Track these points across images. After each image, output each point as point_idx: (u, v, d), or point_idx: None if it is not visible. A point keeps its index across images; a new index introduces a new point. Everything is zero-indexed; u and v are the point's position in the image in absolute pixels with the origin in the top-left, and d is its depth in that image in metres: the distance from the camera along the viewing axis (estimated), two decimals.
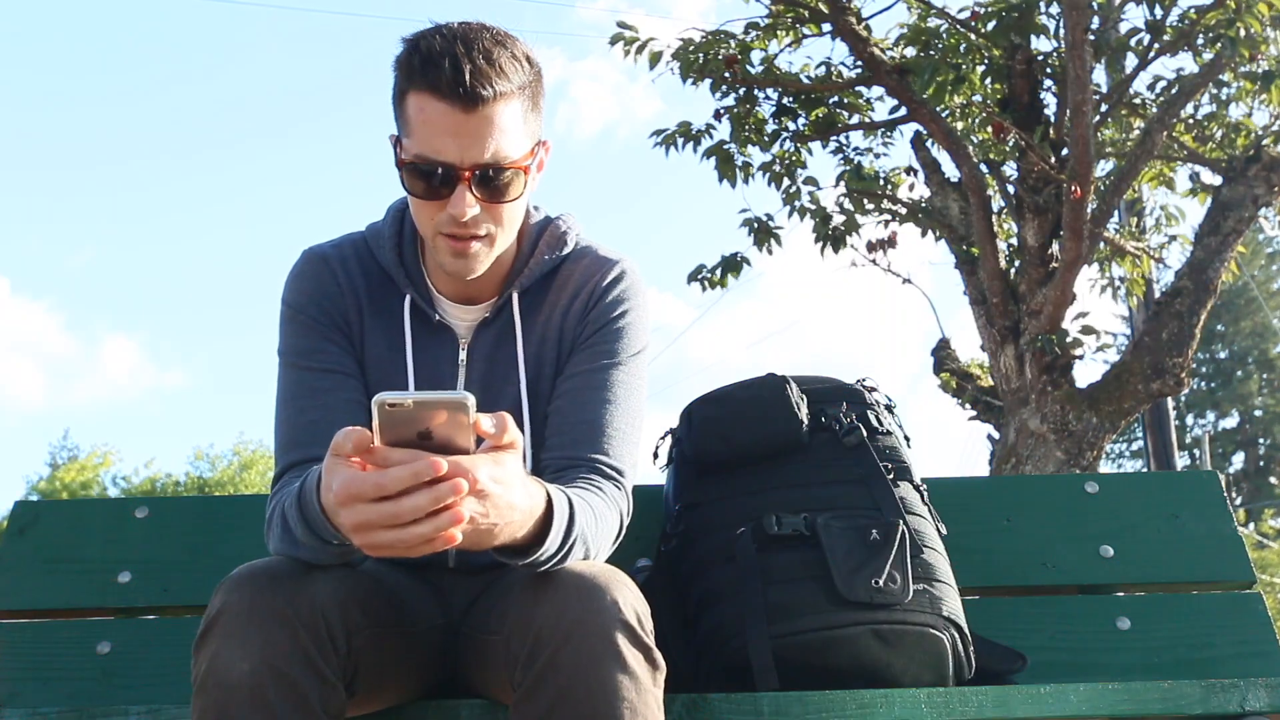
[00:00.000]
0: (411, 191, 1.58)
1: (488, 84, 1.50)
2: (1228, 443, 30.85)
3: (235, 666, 1.35)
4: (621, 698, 1.35)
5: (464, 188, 1.54)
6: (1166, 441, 11.02)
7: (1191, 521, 2.24)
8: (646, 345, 1.76)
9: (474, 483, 1.24)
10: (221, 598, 1.40)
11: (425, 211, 1.59)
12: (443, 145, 1.53)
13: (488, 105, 1.51)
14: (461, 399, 1.25)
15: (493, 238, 1.61)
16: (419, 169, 1.55)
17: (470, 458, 1.25)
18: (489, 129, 1.52)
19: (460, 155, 1.53)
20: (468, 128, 1.52)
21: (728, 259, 7.18)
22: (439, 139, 1.52)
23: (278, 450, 1.68)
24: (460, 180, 1.54)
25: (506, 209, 1.60)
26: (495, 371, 1.73)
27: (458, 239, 1.59)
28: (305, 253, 1.76)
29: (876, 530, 1.84)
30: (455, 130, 1.52)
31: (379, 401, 1.24)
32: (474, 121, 1.51)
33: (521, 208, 1.66)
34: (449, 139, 1.52)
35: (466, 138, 1.52)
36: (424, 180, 1.56)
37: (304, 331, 1.71)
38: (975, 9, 6.29)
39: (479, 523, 1.28)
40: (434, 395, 1.25)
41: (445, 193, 1.55)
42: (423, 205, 1.59)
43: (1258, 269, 29.55)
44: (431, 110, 1.52)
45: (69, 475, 23.98)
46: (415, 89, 1.53)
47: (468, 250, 1.59)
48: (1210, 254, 6.51)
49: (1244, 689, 1.67)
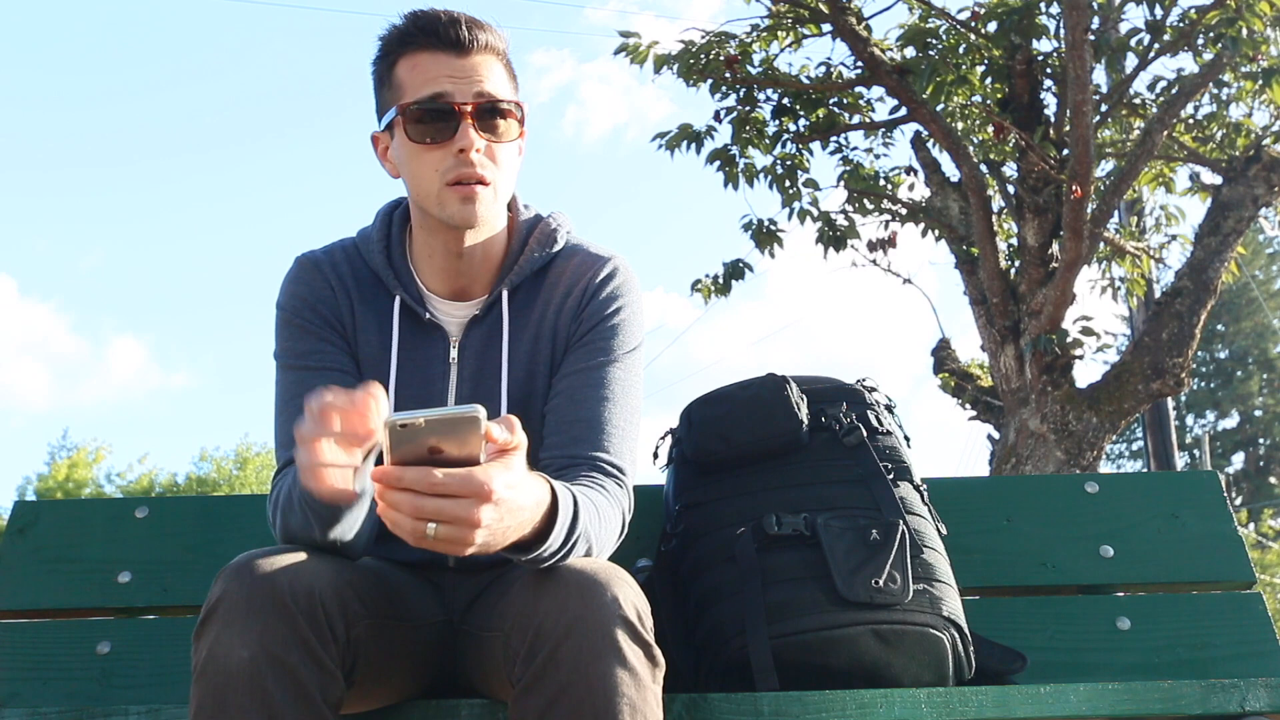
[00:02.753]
0: (414, 138, 1.63)
1: (479, 30, 1.63)
2: (1228, 443, 30.85)
3: (234, 654, 1.35)
4: (621, 694, 1.36)
5: (467, 123, 1.62)
6: (1166, 441, 11.02)
7: (1191, 521, 2.24)
8: (641, 342, 1.77)
9: (490, 494, 1.26)
10: (221, 586, 1.41)
11: (429, 161, 1.63)
12: (440, 86, 1.62)
13: (480, 51, 1.64)
14: (473, 414, 1.26)
15: (494, 186, 1.66)
16: (420, 112, 1.62)
17: (484, 468, 1.27)
18: (483, 69, 1.64)
19: (459, 92, 1.62)
20: (464, 69, 1.63)
21: (730, 266, 7.20)
22: (437, 83, 1.62)
23: (278, 448, 1.69)
24: (463, 116, 1.61)
25: (504, 152, 1.66)
26: (486, 369, 1.74)
27: (464, 183, 1.62)
28: (298, 259, 1.79)
29: (876, 530, 1.84)
30: (451, 72, 1.62)
31: (389, 423, 1.25)
32: (469, 64, 1.63)
33: (514, 162, 1.71)
34: (447, 81, 1.62)
35: (463, 78, 1.62)
36: (426, 122, 1.62)
37: (299, 334, 1.72)
38: (975, 9, 6.30)
39: (494, 529, 1.30)
40: (443, 412, 1.26)
41: (449, 132, 1.62)
42: (425, 154, 1.63)
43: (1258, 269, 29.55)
44: (425, 61, 1.63)
45: (61, 473, 23.99)
46: (408, 51, 1.65)
47: (474, 195, 1.63)
48: (1210, 254, 6.51)
49: (1244, 689, 1.67)
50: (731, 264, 7.25)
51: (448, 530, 1.26)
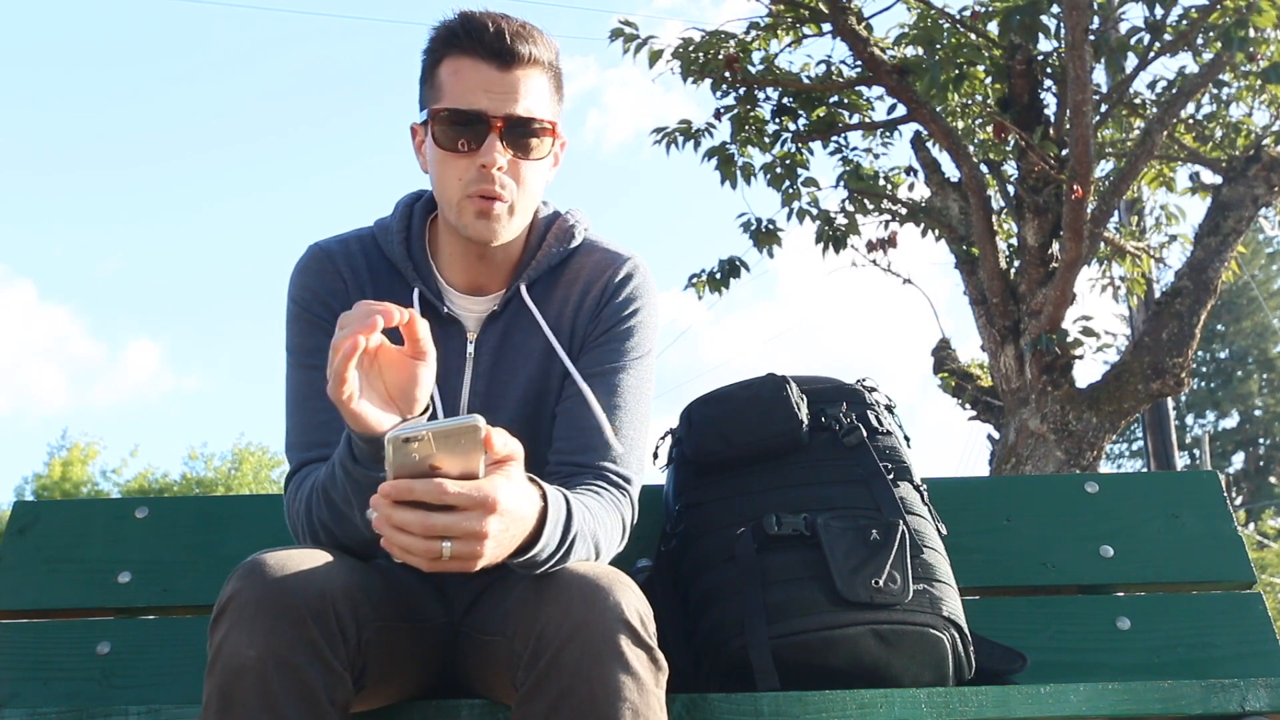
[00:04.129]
0: (441, 144, 1.63)
1: (523, 44, 1.61)
2: (1228, 443, 30.84)
3: (242, 653, 1.36)
4: (624, 698, 1.36)
5: (494, 137, 1.61)
6: (1166, 441, 11.01)
7: (1191, 521, 2.23)
8: (655, 345, 1.77)
9: (495, 505, 1.27)
10: (234, 584, 1.41)
11: (453, 169, 1.63)
12: (475, 98, 1.61)
13: (522, 65, 1.61)
14: (473, 424, 1.26)
15: (514, 205, 1.65)
16: (451, 119, 1.62)
17: (489, 481, 1.28)
18: (521, 87, 1.62)
19: (492, 106, 1.61)
20: (502, 84, 1.61)
21: (725, 264, 7.21)
22: (473, 93, 1.61)
23: (290, 449, 1.70)
24: (491, 130, 1.61)
25: (530, 171, 1.65)
26: (502, 364, 1.73)
27: (484, 198, 1.62)
28: (310, 248, 1.78)
29: (876, 530, 1.84)
30: (489, 85, 1.61)
31: (393, 439, 1.25)
32: (508, 79, 1.61)
33: (542, 179, 1.70)
34: (482, 93, 1.61)
35: (499, 93, 1.61)
36: (455, 131, 1.62)
37: (310, 329, 1.72)
38: (975, 9, 6.29)
39: (501, 540, 1.31)
40: (445, 425, 1.26)
41: (475, 143, 1.61)
42: (451, 161, 1.63)
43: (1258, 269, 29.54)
44: (467, 69, 1.61)
45: (57, 471, 24.00)
46: (452, 54, 1.63)
47: (491, 210, 1.63)
48: (1210, 254, 6.51)
49: (1244, 689, 1.67)
50: (727, 261, 7.25)
51: (458, 546, 1.27)
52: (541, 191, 1.71)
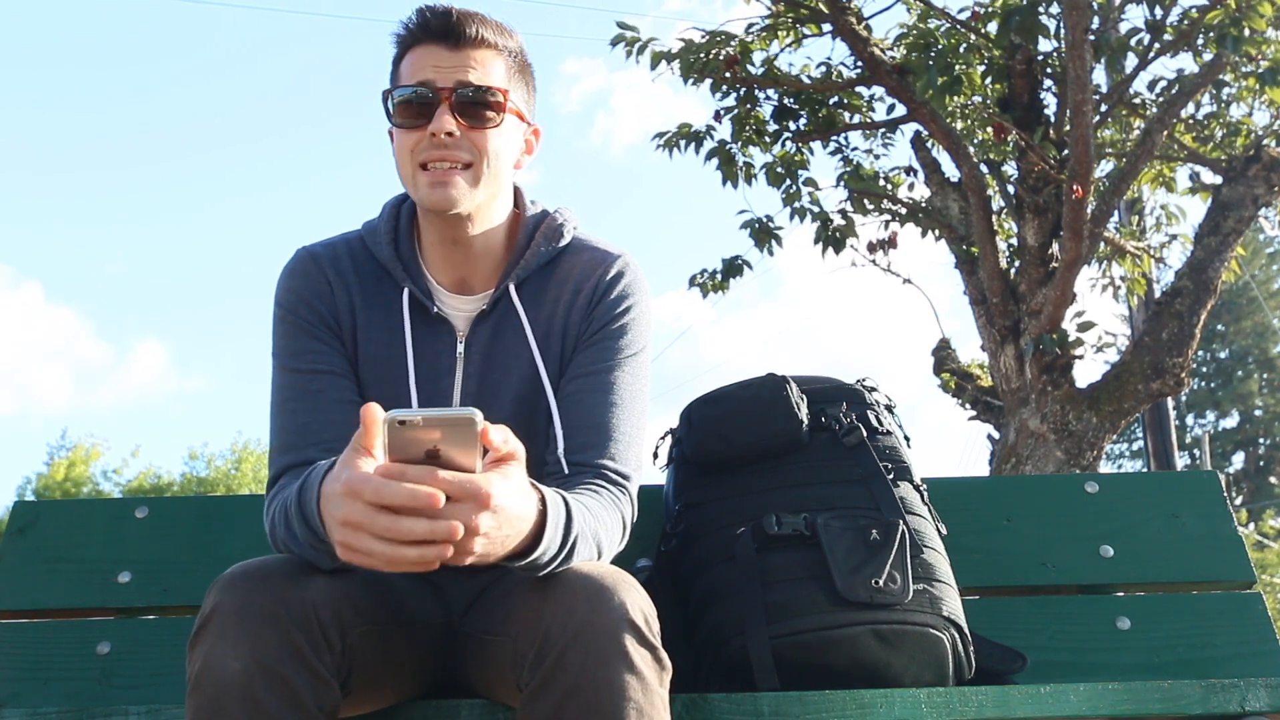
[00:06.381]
0: (397, 122, 1.67)
1: (472, 26, 1.65)
2: (1228, 443, 30.84)
3: (227, 665, 1.35)
4: (628, 698, 1.36)
5: (444, 107, 1.64)
6: (1166, 441, 11.01)
7: (1191, 521, 2.24)
8: (649, 343, 1.77)
9: (488, 500, 1.26)
10: (214, 597, 1.41)
11: (407, 142, 1.66)
12: (426, 75, 1.65)
13: (472, 45, 1.66)
14: (470, 416, 1.26)
15: (475, 169, 1.66)
16: (403, 98, 1.65)
17: (484, 476, 1.27)
18: (471, 62, 1.66)
19: (440, 78, 1.65)
20: (451, 59, 1.65)
21: (727, 263, 7.22)
22: (423, 72, 1.66)
23: (272, 453, 1.69)
24: (441, 100, 1.64)
25: (489, 141, 1.66)
26: (493, 364, 1.73)
27: (434, 166, 1.64)
28: (297, 252, 1.78)
29: (876, 530, 1.84)
30: (438, 62, 1.65)
31: (388, 419, 1.25)
32: (457, 56, 1.66)
33: (508, 153, 1.70)
34: (432, 70, 1.65)
35: (449, 67, 1.66)
36: (407, 107, 1.65)
37: (295, 332, 1.72)
38: (975, 9, 6.29)
39: (493, 537, 1.29)
40: (443, 413, 1.26)
41: (426, 115, 1.64)
42: (405, 136, 1.66)
43: (1258, 269, 29.54)
44: (420, 53, 1.67)
45: (60, 472, 23.99)
46: (409, 48, 1.68)
47: (447, 179, 1.64)
48: (1210, 254, 6.51)
49: (1244, 689, 1.67)
50: (730, 260, 7.26)
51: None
52: (509, 167, 1.72)
